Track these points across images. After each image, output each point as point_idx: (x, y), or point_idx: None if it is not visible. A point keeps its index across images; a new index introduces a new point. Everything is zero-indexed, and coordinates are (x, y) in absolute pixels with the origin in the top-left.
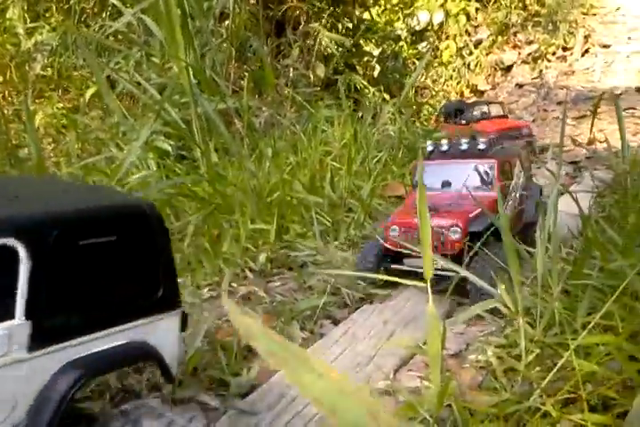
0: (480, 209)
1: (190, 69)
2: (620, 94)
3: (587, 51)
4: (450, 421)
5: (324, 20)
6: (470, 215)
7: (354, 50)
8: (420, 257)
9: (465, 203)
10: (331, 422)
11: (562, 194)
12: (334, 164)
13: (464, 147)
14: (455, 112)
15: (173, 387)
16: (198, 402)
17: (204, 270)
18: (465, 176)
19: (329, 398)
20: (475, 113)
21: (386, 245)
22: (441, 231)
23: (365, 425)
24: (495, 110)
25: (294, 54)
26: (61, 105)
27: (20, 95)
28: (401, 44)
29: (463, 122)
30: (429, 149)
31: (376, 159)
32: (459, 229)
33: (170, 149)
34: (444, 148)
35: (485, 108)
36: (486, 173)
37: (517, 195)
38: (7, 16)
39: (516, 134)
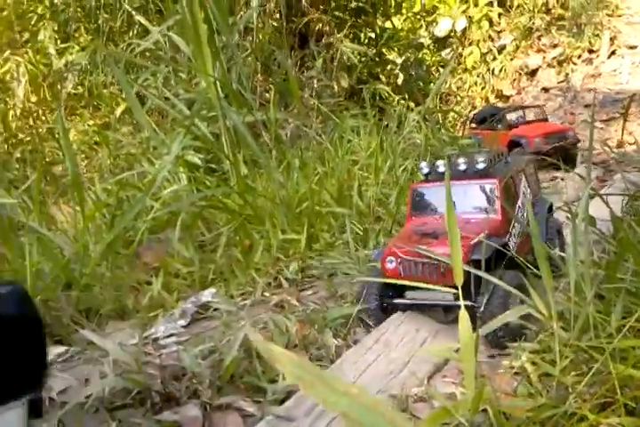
0: (483, 234)
1: (218, 84)
2: None
3: (613, 52)
4: (485, 425)
5: (346, 31)
6: (472, 242)
7: (377, 59)
8: (422, 289)
9: (468, 227)
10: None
11: (592, 197)
12: (361, 173)
13: (462, 167)
14: (489, 118)
15: (212, 394)
16: (236, 409)
17: (237, 280)
18: (466, 198)
19: (353, 412)
20: (511, 118)
21: (383, 279)
22: (442, 260)
23: None
24: (532, 114)
25: (318, 66)
26: (92, 122)
27: (53, 114)
28: (424, 51)
29: (500, 127)
30: (425, 171)
31: (402, 167)
32: None
33: (199, 162)
34: (441, 169)
35: (521, 113)
36: (487, 193)
37: (525, 214)
38: (39, 38)
39: (561, 138)
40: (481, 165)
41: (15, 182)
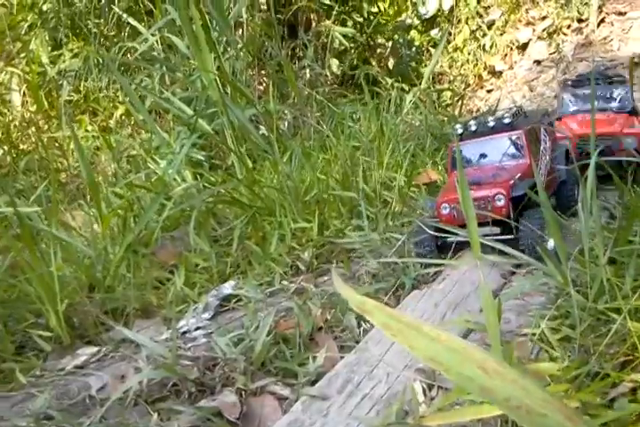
0: (518, 176)
1: (219, 80)
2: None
3: (602, 20)
4: None
5: (333, 18)
6: (511, 183)
7: (366, 44)
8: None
9: (503, 173)
10: (449, 378)
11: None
12: (364, 158)
13: (491, 124)
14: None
15: (246, 380)
16: (270, 392)
17: (254, 271)
18: (498, 149)
19: (442, 357)
20: None
21: (439, 225)
22: (487, 201)
23: (479, 377)
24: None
25: (310, 54)
26: (91, 128)
27: (52, 122)
28: (412, 32)
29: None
30: (459, 131)
31: (404, 149)
32: (502, 197)
33: (203, 159)
34: (473, 128)
35: None
36: (516, 142)
37: (547, 157)
38: (30, 47)
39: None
40: (507, 120)
41: (23, 192)
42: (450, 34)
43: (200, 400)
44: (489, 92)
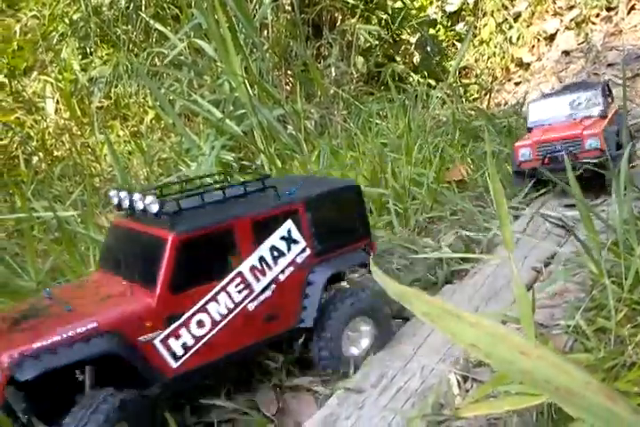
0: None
1: (247, 82)
2: None
3: (632, 8)
4: None
5: (358, 16)
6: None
7: (391, 41)
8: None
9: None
10: (489, 363)
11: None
12: (393, 154)
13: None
14: None
15: (281, 376)
16: (305, 388)
17: None
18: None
19: (483, 343)
20: None
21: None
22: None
23: (519, 360)
24: None
25: (334, 53)
26: (122, 133)
27: (85, 128)
28: (437, 28)
29: None
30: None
31: (433, 145)
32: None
33: (233, 160)
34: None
35: None
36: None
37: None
38: (61, 56)
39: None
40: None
41: (59, 197)
42: (475, 27)
43: (237, 396)
44: (517, 84)
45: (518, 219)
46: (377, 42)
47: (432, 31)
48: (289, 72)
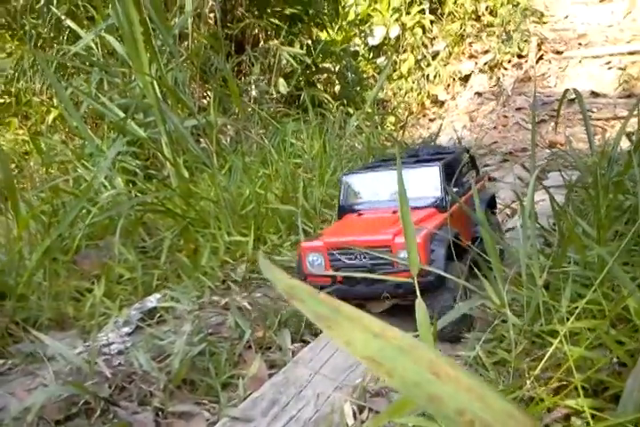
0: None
1: (158, 87)
2: (574, 99)
3: (541, 57)
4: None
5: (282, 38)
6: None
7: (313, 68)
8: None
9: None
10: (389, 383)
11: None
12: (306, 175)
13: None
14: None
15: (165, 398)
16: (190, 414)
17: (183, 284)
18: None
19: (386, 357)
20: None
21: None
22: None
23: (428, 382)
24: None
25: (256, 71)
26: (21, 131)
27: None
28: (359, 59)
29: None
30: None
31: (347, 169)
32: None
33: (137, 168)
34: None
35: None
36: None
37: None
38: None
39: None
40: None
41: None
42: (395, 62)
43: (114, 420)
44: (431, 120)
45: None
46: (299, 66)
47: (353, 62)
48: (207, 85)
